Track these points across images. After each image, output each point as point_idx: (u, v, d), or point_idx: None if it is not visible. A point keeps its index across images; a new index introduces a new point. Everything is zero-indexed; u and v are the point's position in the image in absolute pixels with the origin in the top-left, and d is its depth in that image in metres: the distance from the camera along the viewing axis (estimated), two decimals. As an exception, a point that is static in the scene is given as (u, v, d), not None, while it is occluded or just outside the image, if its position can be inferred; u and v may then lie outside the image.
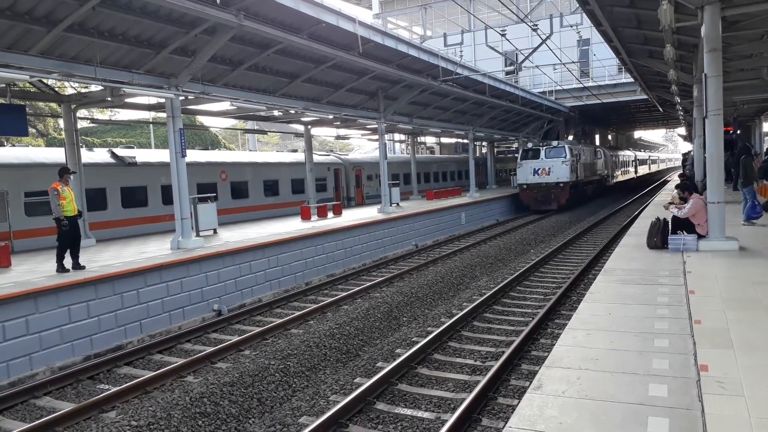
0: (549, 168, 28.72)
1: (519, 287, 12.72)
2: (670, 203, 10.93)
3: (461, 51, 26.36)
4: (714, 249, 9.35)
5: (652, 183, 54.52)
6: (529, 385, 4.52)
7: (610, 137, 63.04)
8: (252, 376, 7.75)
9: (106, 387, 8.15)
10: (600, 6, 11.38)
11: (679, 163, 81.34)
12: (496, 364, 7.48)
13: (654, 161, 76.05)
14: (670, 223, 10.27)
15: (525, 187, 29.75)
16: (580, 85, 33.85)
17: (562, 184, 28.77)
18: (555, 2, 39.42)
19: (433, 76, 19.48)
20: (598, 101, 34.27)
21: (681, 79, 16.54)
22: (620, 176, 46.16)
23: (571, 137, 39.96)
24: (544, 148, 29.47)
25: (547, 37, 19.82)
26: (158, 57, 12.17)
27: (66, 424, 6.81)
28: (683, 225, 10.03)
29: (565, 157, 28.63)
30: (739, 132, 28.42)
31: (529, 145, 31.28)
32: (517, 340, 8.51)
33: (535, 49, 21.43)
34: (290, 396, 7.54)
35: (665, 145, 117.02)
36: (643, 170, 60.82)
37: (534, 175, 29.19)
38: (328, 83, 17.85)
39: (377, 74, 17.72)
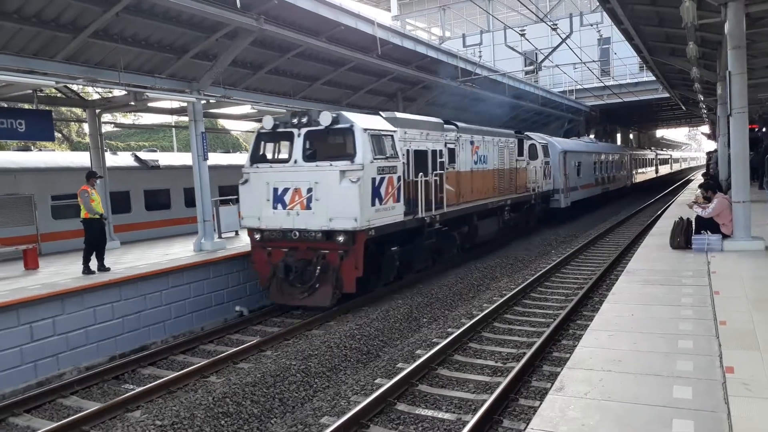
0: (309, 190, 10.72)
1: (540, 288, 12.63)
2: (694, 202, 10.78)
3: (480, 51, 26.23)
4: (739, 249, 9.20)
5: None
6: (551, 386, 4.50)
7: (631, 136, 62.27)
8: (274, 376, 7.81)
9: (131, 387, 8.28)
10: (620, 4, 11.26)
11: (700, 162, 78.86)
12: (518, 366, 7.43)
13: (665, 161, 56.25)
14: (693, 223, 10.13)
15: (257, 237, 11.39)
16: (601, 84, 33.44)
17: (343, 238, 10.51)
18: (575, 1, 39.10)
19: (452, 77, 19.45)
20: (620, 100, 33.85)
21: (704, 77, 16.26)
22: (588, 188, 27.28)
23: (591, 136, 38.89)
24: (304, 130, 10.95)
25: (567, 37, 19.66)
26: (180, 61, 12.36)
27: (92, 423, 6.93)
28: (707, 225, 9.88)
29: (352, 157, 10.57)
30: (764, 130, 27.93)
31: (270, 122, 11.32)
32: (539, 341, 8.44)
33: (555, 48, 21.25)
34: (311, 396, 7.59)
35: (688, 144, 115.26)
36: (645, 174, 44.31)
37: (275, 206, 11.07)
38: (348, 86, 17.93)
39: (396, 76, 17.76)
